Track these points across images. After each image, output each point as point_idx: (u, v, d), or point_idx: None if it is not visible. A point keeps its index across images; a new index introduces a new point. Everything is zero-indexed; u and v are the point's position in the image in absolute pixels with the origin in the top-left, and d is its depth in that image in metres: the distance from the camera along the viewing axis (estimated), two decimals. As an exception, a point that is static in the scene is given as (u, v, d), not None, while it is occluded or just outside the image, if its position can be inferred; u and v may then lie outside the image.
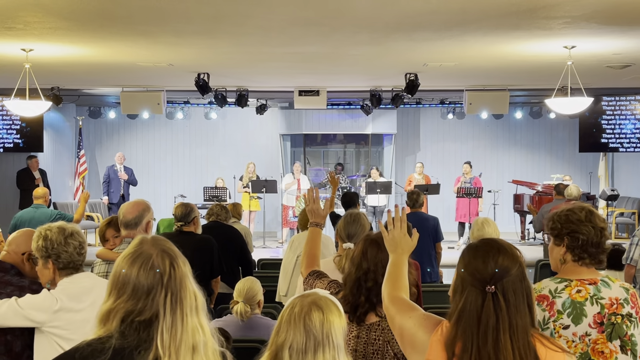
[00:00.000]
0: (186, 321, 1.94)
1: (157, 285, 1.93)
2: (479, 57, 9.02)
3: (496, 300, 2.13)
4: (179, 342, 1.91)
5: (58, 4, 6.03)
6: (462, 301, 2.17)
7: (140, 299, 1.91)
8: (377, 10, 6.31)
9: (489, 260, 2.17)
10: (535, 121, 17.19)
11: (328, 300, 2.08)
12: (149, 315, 1.91)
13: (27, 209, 8.05)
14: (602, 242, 2.90)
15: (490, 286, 2.14)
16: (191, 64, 9.76)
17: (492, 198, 14.97)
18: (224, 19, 6.68)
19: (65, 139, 16.21)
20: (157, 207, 16.11)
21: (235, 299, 4.58)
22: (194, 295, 2.00)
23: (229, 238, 6.72)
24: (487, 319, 2.12)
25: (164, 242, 2.05)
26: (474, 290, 2.16)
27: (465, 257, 2.25)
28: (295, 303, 2.06)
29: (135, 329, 1.90)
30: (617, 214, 14.69)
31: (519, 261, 2.20)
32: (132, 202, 4.32)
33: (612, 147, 13.76)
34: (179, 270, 1.99)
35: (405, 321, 2.36)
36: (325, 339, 2.00)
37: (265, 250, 13.42)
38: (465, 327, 2.14)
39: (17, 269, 3.40)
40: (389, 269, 2.63)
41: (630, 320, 2.82)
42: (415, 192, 8.15)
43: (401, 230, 2.69)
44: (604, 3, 5.98)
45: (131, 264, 1.95)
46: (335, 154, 18.15)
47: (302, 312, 2.02)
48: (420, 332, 2.29)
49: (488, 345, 2.10)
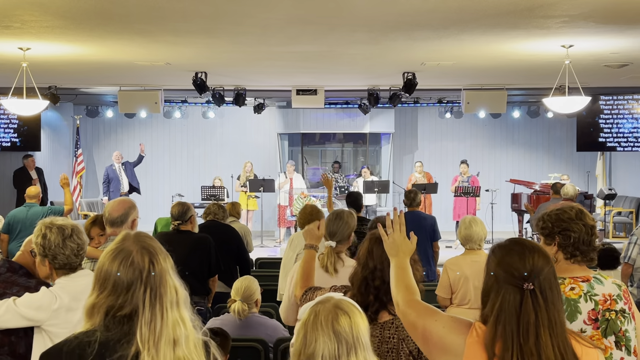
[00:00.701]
0: (166, 316, 1.99)
1: (137, 281, 1.99)
2: (476, 56, 9.02)
3: (534, 297, 2.13)
4: (158, 336, 1.96)
5: (55, 2, 6.02)
6: (500, 300, 2.16)
7: (120, 294, 1.98)
8: (375, 9, 6.31)
9: (525, 258, 2.18)
10: (533, 120, 17.21)
11: (348, 302, 2.07)
12: (129, 310, 1.98)
13: (19, 208, 8.05)
14: (592, 240, 2.93)
15: (528, 283, 2.14)
16: (189, 63, 9.75)
17: (489, 197, 14.97)
18: (222, 17, 6.68)
19: (62, 137, 16.20)
20: (155, 206, 16.25)
21: (233, 298, 4.58)
22: (174, 290, 2.04)
23: (226, 237, 6.72)
24: (527, 316, 2.12)
25: (146, 238, 2.10)
26: (511, 289, 2.16)
27: (498, 256, 2.24)
28: (318, 310, 2.02)
29: (119, 322, 1.97)
30: (614, 213, 14.72)
31: (550, 259, 2.22)
32: (117, 200, 4.32)
33: (609, 146, 13.78)
34: (159, 266, 2.03)
35: (431, 325, 2.33)
36: (356, 341, 1.99)
37: (263, 249, 13.42)
38: (505, 326, 2.13)
39: (26, 270, 3.37)
40: (397, 273, 2.61)
41: (624, 315, 2.84)
42: (412, 191, 8.14)
43: (401, 233, 2.69)
44: (601, 2, 5.98)
45: (112, 260, 2.02)
46: (333, 153, 18.15)
47: (329, 318, 1.99)
48: (452, 335, 2.26)
49: (530, 342, 2.10)
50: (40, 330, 3.11)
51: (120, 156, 14.57)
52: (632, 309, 2.88)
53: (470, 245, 5.27)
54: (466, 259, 5.24)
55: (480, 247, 5.27)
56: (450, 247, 13.47)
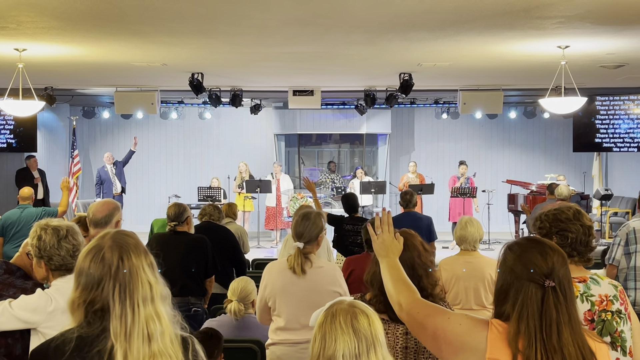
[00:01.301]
0: (138, 311, 2.03)
1: (106, 277, 2.04)
2: (473, 57, 9.03)
3: (555, 294, 2.15)
4: (129, 331, 2.00)
5: (51, 3, 6.01)
6: (522, 297, 2.17)
7: (92, 289, 2.04)
8: (371, 10, 6.31)
9: (547, 256, 2.19)
10: (529, 121, 17.23)
11: (362, 304, 2.09)
12: (101, 305, 2.03)
13: (13, 209, 8.03)
14: (589, 240, 2.94)
15: (549, 281, 2.15)
16: (185, 63, 9.75)
17: (486, 198, 14.99)
18: (218, 18, 6.68)
19: (58, 138, 16.18)
20: (152, 207, 16.25)
21: (229, 298, 4.59)
22: (148, 285, 2.07)
23: (222, 239, 6.71)
24: (550, 313, 2.13)
25: (123, 235, 2.14)
26: (532, 286, 2.16)
27: (517, 253, 2.24)
28: (335, 310, 2.04)
29: (99, 318, 2.04)
30: (610, 214, 14.74)
31: (566, 259, 2.25)
32: (101, 202, 4.33)
33: (605, 146, 13.80)
34: (129, 262, 2.07)
35: (445, 324, 2.31)
36: (375, 339, 2.01)
37: (259, 250, 13.42)
38: (528, 323, 2.14)
39: (23, 272, 3.37)
40: (392, 274, 2.59)
41: (619, 316, 2.85)
42: (408, 192, 8.15)
43: (389, 233, 2.68)
44: (597, 3, 6.00)
45: (85, 256, 2.10)
46: (329, 154, 18.16)
47: (348, 318, 2.01)
48: (472, 333, 2.24)
49: (553, 339, 2.12)
50: (37, 332, 3.10)
51: (112, 157, 14.55)
52: (628, 309, 2.88)
53: (465, 246, 5.28)
54: (459, 260, 5.25)
55: (474, 248, 5.28)
56: (447, 248, 13.48)
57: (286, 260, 4.14)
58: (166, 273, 5.92)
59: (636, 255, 5.76)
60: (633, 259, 5.77)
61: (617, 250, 5.81)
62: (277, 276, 4.12)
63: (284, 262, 4.16)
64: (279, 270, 4.15)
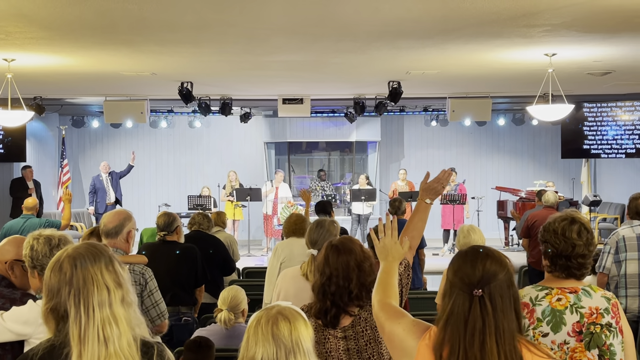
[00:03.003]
0: (93, 315, 2.09)
1: (63, 284, 2.13)
2: (461, 65, 9.07)
3: (483, 304, 2.15)
4: (83, 335, 2.07)
5: (40, 14, 6.01)
6: (450, 304, 2.20)
7: (53, 297, 2.13)
8: (360, 18, 6.34)
9: (477, 265, 2.20)
10: (518, 128, 17.32)
11: (292, 310, 2.15)
12: (62, 312, 2.12)
13: (16, 219, 8.06)
14: (572, 255, 2.91)
15: (477, 290, 2.16)
16: (174, 72, 9.75)
17: (475, 204, 15.04)
18: (207, 28, 6.69)
19: (48, 148, 16.13)
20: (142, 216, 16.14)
21: (220, 307, 4.59)
22: (105, 290, 2.13)
23: (212, 248, 6.71)
24: (474, 322, 2.14)
25: (83, 245, 2.22)
26: (462, 294, 2.19)
27: (455, 262, 2.28)
28: (261, 316, 2.12)
29: (65, 323, 2.12)
30: (599, 220, 14.80)
31: (507, 267, 2.24)
32: (113, 212, 4.32)
33: (594, 153, 13.86)
34: (84, 269, 2.14)
35: (395, 327, 2.39)
36: (295, 346, 2.07)
37: (250, 259, 13.40)
38: (452, 330, 2.16)
39: (8, 281, 3.36)
40: (380, 276, 2.67)
41: (609, 330, 2.83)
42: (397, 199, 8.20)
43: (392, 238, 2.75)
44: (583, 11, 6.04)
45: (48, 269, 2.19)
46: (319, 162, 18.17)
47: (269, 324, 2.08)
48: (409, 339, 2.32)
49: (475, 348, 2.13)
50: (30, 343, 3.10)
51: (108, 166, 14.54)
52: (619, 323, 2.87)
53: None
54: None
55: None
56: (437, 255, 13.50)
57: (299, 267, 4.18)
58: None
59: (626, 263, 5.79)
60: (623, 267, 5.80)
61: (607, 259, 5.84)
62: (290, 283, 4.16)
63: (297, 269, 4.23)
64: (292, 276, 4.20)
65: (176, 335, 5.43)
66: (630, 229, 5.82)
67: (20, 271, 3.32)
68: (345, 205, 15.97)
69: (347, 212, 15.47)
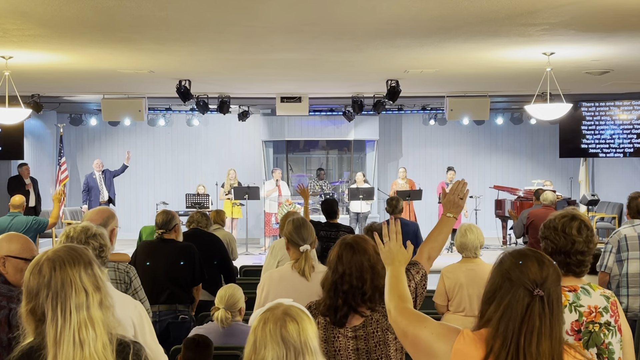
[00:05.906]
0: (70, 317, 2.12)
1: (42, 287, 2.16)
2: (459, 64, 9.07)
3: (541, 304, 2.16)
4: (59, 337, 2.10)
5: (37, 11, 6.00)
6: (508, 299, 2.18)
7: (31, 300, 2.17)
8: (358, 17, 6.33)
9: (543, 267, 2.21)
10: (516, 127, 17.32)
11: (297, 309, 2.13)
12: (40, 314, 2.15)
13: (3, 217, 8.03)
14: (571, 251, 2.93)
15: (539, 290, 2.16)
16: (172, 70, 9.74)
17: (473, 203, 15.05)
18: (205, 26, 6.68)
19: (46, 146, 16.11)
20: (140, 214, 16.19)
21: (217, 306, 4.58)
22: (83, 293, 2.16)
23: (210, 246, 6.71)
24: (531, 320, 2.14)
25: (63, 248, 2.25)
26: (522, 291, 2.18)
27: (517, 258, 2.25)
28: (267, 318, 2.09)
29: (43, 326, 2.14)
30: (597, 219, 14.82)
31: (561, 278, 2.26)
32: (96, 210, 4.30)
33: (592, 152, 13.88)
34: (63, 272, 2.17)
35: (420, 331, 2.36)
36: (304, 346, 2.05)
37: (247, 257, 13.40)
38: (508, 325, 2.16)
39: (4, 277, 3.36)
40: (390, 282, 2.63)
41: (608, 328, 2.83)
42: (394, 198, 8.18)
43: (397, 242, 2.72)
44: (581, 10, 6.04)
45: (28, 271, 2.22)
46: (317, 160, 18.17)
47: (277, 325, 2.06)
48: (439, 342, 2.29)
49: (532, 347, 2.13)
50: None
51: (101, 164, 14.48)
52: (619, 321, 2.87)
53: (466, 254, 5.29)
54: (461, 267, 5.26)
55: (476, 255, 5.28)
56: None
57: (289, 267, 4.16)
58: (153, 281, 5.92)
59: (628, 262, 5.80)
60: (625, 266, 5.80)
61: (608, 258, 5.84)
62: (278, 284, 4.13)
63: (283, 269, 4.20)
64: (279, 279, 4.17)
65: (173, 333, 5.42)
66: (631, 228, 5.82)
67: (12, 267, 3.32)
68: (343, 204, 15.97)
69: (346, 210, 15.47)
